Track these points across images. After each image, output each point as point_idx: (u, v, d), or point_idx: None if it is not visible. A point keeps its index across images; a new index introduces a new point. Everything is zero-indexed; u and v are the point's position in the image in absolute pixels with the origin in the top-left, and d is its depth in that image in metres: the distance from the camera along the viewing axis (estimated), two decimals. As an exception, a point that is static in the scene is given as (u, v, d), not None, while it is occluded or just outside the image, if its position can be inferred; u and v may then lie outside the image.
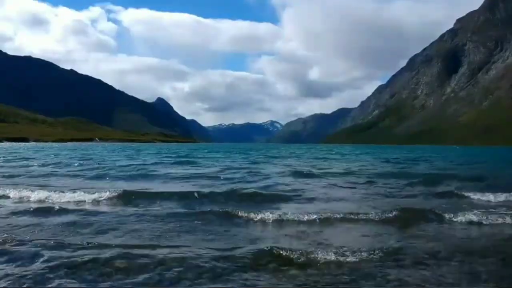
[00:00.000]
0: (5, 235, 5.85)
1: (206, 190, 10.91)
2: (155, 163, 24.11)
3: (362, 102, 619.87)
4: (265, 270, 4.58)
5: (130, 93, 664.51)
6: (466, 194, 10.65)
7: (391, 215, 7.59)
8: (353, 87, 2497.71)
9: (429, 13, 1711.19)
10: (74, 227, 6.58)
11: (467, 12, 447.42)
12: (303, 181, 14.14)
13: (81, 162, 24.63)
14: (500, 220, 7.28)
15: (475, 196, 10.36)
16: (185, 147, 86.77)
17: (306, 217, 7.21)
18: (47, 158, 29.89)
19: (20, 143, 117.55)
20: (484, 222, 7.21)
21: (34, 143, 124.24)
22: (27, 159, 27.68)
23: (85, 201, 9.08)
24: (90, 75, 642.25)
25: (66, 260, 4.72)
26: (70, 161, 25.08)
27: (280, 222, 7.07)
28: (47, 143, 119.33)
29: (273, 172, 17.90)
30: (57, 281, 4.17)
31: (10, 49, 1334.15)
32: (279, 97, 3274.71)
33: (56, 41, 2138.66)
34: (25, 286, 4.08)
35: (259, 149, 74.35)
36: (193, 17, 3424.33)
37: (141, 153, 44.27)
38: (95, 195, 9.42)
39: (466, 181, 14.71)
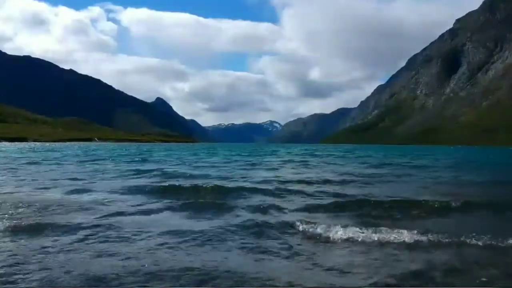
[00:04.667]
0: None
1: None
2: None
3: (362, 102, 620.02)
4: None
5: (130, 93, 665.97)
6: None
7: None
8: (353, 87, 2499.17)
9: (429, 13, 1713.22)
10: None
11: (467, 12, 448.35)
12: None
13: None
14: None
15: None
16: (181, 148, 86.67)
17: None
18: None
19: (20, 143, 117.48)
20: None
21: (34, 143, 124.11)
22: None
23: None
24: (90, 75, 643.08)
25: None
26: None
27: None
28: (46, 143, 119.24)
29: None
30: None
31: (10, 49, 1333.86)
32: (279, 97, 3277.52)
33: (56, 41, 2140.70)
34: None
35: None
36: (193, 17, 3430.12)
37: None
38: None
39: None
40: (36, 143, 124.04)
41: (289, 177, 15.76)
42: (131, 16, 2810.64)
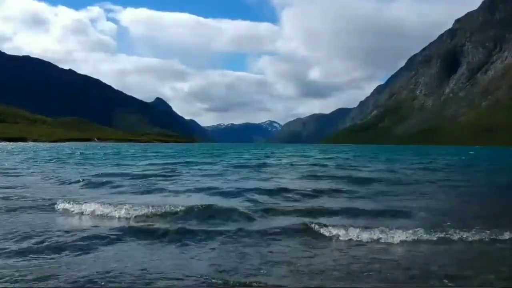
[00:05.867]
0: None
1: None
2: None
3: (361, 102, 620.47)
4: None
5: (129, 93, 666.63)
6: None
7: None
8: (353, 87, 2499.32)
9: (428, 13, 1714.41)
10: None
11: (467, 12, 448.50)
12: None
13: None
14: None
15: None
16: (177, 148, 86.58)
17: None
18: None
19: (20, 143, 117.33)
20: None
21: (31, 143, 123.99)
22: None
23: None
24: (89, 75, 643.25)
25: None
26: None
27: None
28: (42, 144, 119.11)
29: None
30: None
31: (9, 49, 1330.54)
32: (279, 97, 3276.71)
33: (55, 41, 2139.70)
34: None
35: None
36: (193, 17, 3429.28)
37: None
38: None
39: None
40: (31, 143, 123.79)
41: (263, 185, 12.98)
42: (130, 16, 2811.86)
